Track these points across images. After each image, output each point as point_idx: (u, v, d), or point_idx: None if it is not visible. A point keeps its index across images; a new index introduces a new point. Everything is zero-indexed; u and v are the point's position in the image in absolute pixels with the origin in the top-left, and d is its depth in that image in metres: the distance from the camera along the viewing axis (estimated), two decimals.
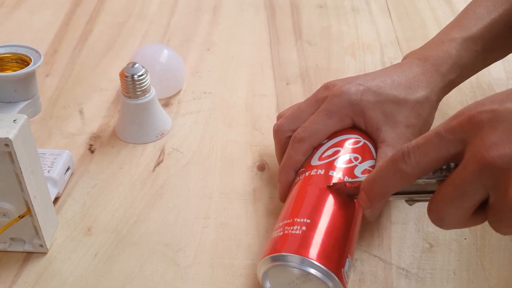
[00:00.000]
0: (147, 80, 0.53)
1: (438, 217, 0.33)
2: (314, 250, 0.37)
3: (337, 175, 0.42)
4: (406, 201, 0.37)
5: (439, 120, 0.59)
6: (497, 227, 0.32)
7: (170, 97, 0.62)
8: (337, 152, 0.45)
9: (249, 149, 0.55)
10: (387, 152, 0.45)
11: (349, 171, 0.43)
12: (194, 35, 0.73)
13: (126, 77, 0.53)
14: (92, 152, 0.55)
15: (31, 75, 0.43)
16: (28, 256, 0.45)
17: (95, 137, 0.57)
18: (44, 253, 0.45)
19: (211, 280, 0.43)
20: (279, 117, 0.52)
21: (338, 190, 0.41)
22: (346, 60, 0.68)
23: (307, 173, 0.44)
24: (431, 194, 0.34)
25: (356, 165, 0.44)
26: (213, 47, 0.71)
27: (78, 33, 0.72)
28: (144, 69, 0.53)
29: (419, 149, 0.33)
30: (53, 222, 0.46)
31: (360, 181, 0.38)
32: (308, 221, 0.39)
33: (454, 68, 0.50)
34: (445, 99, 0.62)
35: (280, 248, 0.38)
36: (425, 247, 0.46)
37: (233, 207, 0.49)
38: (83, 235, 0.47)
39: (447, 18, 0.75)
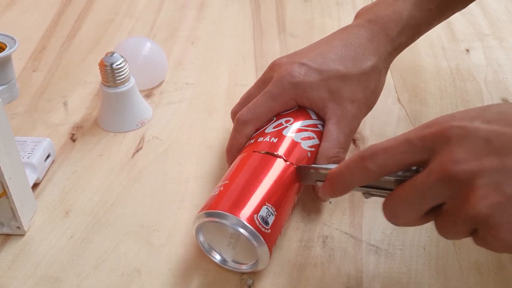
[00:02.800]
0: (126, 69, 0.54)
1: (393, 215, 0.36)
2: (221, 202, 0.40)
3: (264, 139, 0.45)
4: (363, 193, 0.39)
5: (419, 108, 0.59)
6: (443, 231, 0.35)
7: (153, 88, 0.63)
8: (270, 121, 0.48)
9: (227, 136, 0.56)
10: (332, 131, 0.46)
11: (277, 133, 0.45)
12: (179, 30, 0.74)
13: (105, 66, 0.54)
14: (74, 141, 0.56)
15: (7, 60, 0.44)
16: (6, 238, 0.46)
17: (78, 127, 0.58)
18: (22, 235, 0.46)
19: (183, 258, 0.44)
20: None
21: (303, 172, 0.43)
22: None
23: None
24: (388, 191, 0.36)
25: (286, 127, 0.46)
26: (197, 41, 0.72)
27: (67, 31, 0.74)
28: (122, 58, 0.54)
29: (387, 151, 0.35)
30: (32, 206, 0.47)
31: (324, 168, 0.40)
32: (227, 182, 0.42)
33: (404, 30, 0.49)
34: (423, 84, 0.63)
35: (201, 210, 0.41)
36: None
37: (209, 190, 0.50)
38: (61, 218, 0.48)
39: None
